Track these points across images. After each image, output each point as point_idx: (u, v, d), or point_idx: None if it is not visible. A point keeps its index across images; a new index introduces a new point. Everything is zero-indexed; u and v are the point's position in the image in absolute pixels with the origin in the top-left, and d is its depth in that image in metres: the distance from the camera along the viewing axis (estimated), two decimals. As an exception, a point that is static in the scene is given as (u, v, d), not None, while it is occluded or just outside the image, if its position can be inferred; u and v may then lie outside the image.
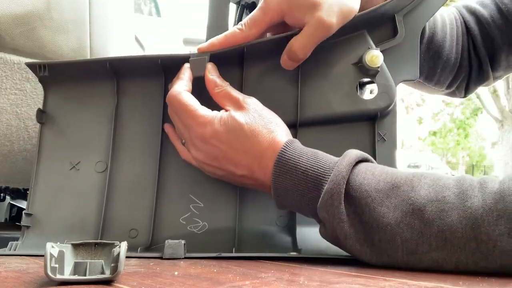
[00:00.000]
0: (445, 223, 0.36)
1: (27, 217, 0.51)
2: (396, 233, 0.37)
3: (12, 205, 1.14)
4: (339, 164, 0.41)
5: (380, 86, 0.50)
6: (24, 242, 0.50)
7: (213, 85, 0.49)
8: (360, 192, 0.39)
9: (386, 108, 0.51)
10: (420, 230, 0.37)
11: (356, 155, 0.42)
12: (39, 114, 0.54)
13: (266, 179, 0.45)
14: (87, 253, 0.33)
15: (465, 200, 0.36)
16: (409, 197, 0.38)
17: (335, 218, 0.39)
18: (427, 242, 0.36)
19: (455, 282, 0.32)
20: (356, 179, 0.40)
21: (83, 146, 0.53)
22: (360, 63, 0.50)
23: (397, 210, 0.38)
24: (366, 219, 0.39)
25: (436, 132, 11.57)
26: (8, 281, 0.30)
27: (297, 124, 0.51)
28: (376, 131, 0.52)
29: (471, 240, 0.35)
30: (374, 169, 0.41)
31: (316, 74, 0.52)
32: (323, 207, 0.40)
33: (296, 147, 0.44)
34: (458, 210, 0.36)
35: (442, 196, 0.37)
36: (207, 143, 0.46)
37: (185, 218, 0.51)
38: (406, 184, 0.39)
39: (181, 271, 0.36)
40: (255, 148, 0.45)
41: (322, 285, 0.29)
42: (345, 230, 0.39)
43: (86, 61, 0.56)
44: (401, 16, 0.53)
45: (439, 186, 0.38)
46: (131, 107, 0.55)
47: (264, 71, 0.53)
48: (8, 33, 0.61)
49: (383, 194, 0.39)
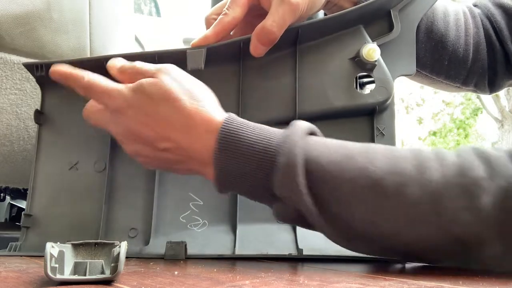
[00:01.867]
0: (405, 197, 0.35)
1: (27, 218, 0.51)
2: (354, 206, 0.36)
3: (12, 205, 1.14)
4: (292, 135, 0.39)
5: (378, 80, 0.50)
6: (24, 243, 0.50)
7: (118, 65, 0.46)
8: (316, 165, 0.38)
9: (384, 102, 0.51)
10: (380, 203, 0.36)
11: (306, 126, 0.41)
12: (36, 115, 0.54)
13: (201, 154, 0.41)
14: (87, 253, 0.33)
15: (424, 173, 0.35)
16: (365, 168, 0.37)
17: (296, 193, 0.37)
18: (387, 214, 0.36)
19: (455, 282, 0.32)
20: (313, 153, 0.38)
21: (82, 146, 0.53)
22: (357, 58, 0.50)
23: (353, 182, 0.36)
24: (323, 193, 0.37)
25: (436, 132, 11.57)
26: (8, 281, 0.30)
27: (295, 119, 0.51)
28: (374, 125, 0.52)
29: (432, 214, 0.35)
30: (325, 140, 0.40)
31: (314, 69, 0.52)
32: (280, 182, 0.37)
33: (236, 121, 0.41)
34: (418, 183, 0.35)
35: (400, 168, 0.36)
36: (124, 114, 0.42)
37: (185, 217, 0.51)
38: (360, 155, 0.38)
39: (181, 270, 0.36)
40: (175, 117, 0.41)
41: (322, 285, 0.29)
42: (308, 204, 0.37)
43: (83, 60, 0.56)
44: (397, 11, 0.53)
45: (396, 158, 0.37)
46: None
47: (261, 67, 0.53)
48: (8, 33, 0.61)
49: (339, 166, 0.37)
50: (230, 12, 0.48)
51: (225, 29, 0.49)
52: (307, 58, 0.52)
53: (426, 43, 0.61)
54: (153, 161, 0.44)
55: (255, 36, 0.48)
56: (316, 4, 0.50)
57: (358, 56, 0.50)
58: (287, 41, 0.52)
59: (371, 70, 0.50)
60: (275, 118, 0.52)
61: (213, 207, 0.51)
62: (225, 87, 0.53)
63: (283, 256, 0.48)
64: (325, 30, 0.51)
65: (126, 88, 0.43)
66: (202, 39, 0.49)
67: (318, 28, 0.51)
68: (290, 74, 0.52)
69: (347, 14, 0.50)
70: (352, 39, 0.51)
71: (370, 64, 0.50)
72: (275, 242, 0.50)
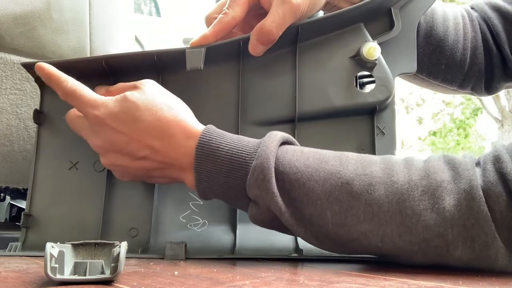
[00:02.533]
0: (373, 197, 0.37)
1: (27, 218, 0.51)
2: (325, 207, 0.38)
3: (12, 205, 1.14)
4: (265, 141, 0.41)
5: (378, 79, 0.50)
6: (24, 243, 0.50)
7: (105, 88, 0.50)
8: (289, 167, 0.39)
9: (385, 101, 0.51)
10: (349, 203, 0.37)
11: (281, 135, 0.42)
12: (36, 114, 0.54)
13: (180, 160, 0.43)
14: (87, 253, 0.33)
15: (391, 175, 0.37)
16: (337, 171, 0.38)
17: (269, 193, 0.39)
18: (355, 215, 0.37)
19: (455, 282, 0.32)
20: (285, 156, 0.40)
21: (82, 146, 0.53)
22: (358, 56, 0.50)
23: (326, 184, 0.38)
24: (296, 195, 0.39)
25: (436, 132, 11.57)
26: (8, 281, 0.30)
27: (295, 118, 0.51)
28: (375, 124, 0.52)
29: (397, 214, 0.36)
30: (302, 148, 0.42)
31: (314, 67, 0.52)
32: (254, 184, 0.39)
33: (216, 130, 0.43)
34: (384, 184, 0.37)
35: (369, 170, 0.38)
36: (103, 125, 0.44)
37: (185, 216, 0.51)
38: (334, 160, 0.40)
39: (181, 270, 0.36)
40: (156, 126, 0.43)
41: (322, 285, 0.29)
42: (279, 204, 0.39)
43: (82, 59, 0.56)
44: (397, 9, 0.53)
45: (366, 162, 0.39)
46: None
47: (261, 65, 0.53)
48: (8, 33, 0.61)
49: (312, 169, 0.39)
50: (230, 11, 0.48)
51: (224, 29, 0.49)
52: (307, 56, 0.52)
53: (424, 47, 0.62)
54: (129, 171, 0.46)
55: (254, 36, 0.48)
56: (316, 5, 0.50)
57: (358, 54, 0.50)
58: (287, 40, 0.51)
59: (372, 68, 0.50)
60: (275, 116, 0.52)
61: (213, 207, 0.51)
62: (225, 86, 0.53)
63: (283, 256, 0.48)
64: (325, 28, 0.51)
65: (109, 99, 0.45)
66: (201, 38, 0.49)
67: (318, 27, 0.51)
68: (290, 73, 0.52)
69: (347, 12, 0.50)
70: (353, 37, 0.51)
71: (371, 63, 0.50)
72: (275, 242, 0.50)
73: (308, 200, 0.38)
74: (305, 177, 0.39)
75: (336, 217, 0.38)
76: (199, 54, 0.49)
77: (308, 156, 0.40)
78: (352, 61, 0.51)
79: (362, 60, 0.50)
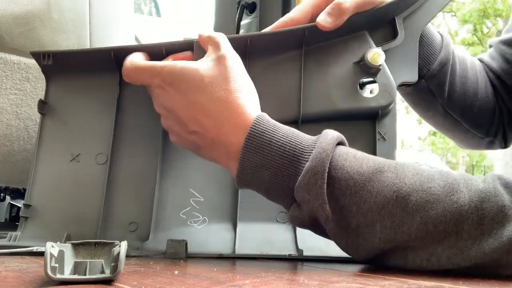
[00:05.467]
0: (429, 215, 0.35)
1: (26, 208, 0.51)
2: (376, 220, 0.36)
3: (12, 205, 1.14)
4: (322, 142, 0.39)
5: (381, 85, 0.51)
6: (23, 233, 0.50)
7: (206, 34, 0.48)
8: (342, 173, 0.37)
9: (387, 107, 0.51)
10: (402, 219, 0.36)
11: (337, 135, 0.41)
12: (40, 104, 0.53)
13: (227, 147, 0.42)
14: (87, 252, 0.33)
15: (452, 194, 0.35)
16: (393, 184, 0.36)
17: (318, 199, 0.37)
18: (407, 232, 0.35)
19: (455, 282, 0.32)
20: (338, 160, 0.38)
21: (84, 138, 0.53)
22: (362, 62, 0.51)
23: (380, 196, 0.36)
24: (345, 203, 0.37)
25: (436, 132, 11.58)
26: (8, 280, 0.30)
27: (299, 120, 0.52)
28: (376, 129, 0.52)
29: (452, 235, 0.35)
30: (355, 152, 0.40)
31: (319, 71, 0.52)
32: (304, 187, 0.37)
33: (269, 120, 0.42)
34: (443, 203, 0.35)
35: (428, 186, 0.36)
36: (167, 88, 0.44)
37: (185, 212, 0.51)
38: (390, 171, 0.38)
39: (181, 270, 0.36)
40: (212, 104, 0.42)
41: (322, 285, 0.29)
42: (327, 212, 0.37)
43: (90, 50, 0.56)
44: (401, 19, 0.54)
45: (424, 177, 0.37)
46: (133, 99, 0.54)
47: (267, 67, 0.53)
48: (8, 33, 0.61)
49: (366, 177, 0.37)
50: (291, 14, 0.52)
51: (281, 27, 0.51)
52: (312, 60, 0.52)
53: (460, 87, 0.63)
54: (182, 140, 0.46)
55: (327, 8, 0.50)
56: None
57: (363, 60, 0.51)
58: (293, 43, 0.52)
59: (375, 74, 0.51)
60: (279, 117, 0.52)
61: (214, 204, 0.52)
62: None
63: (283, 256, 0.48)
64: (331, 33, 0.52)
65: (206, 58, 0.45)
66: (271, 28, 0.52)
67: (324, 32, 0.52)
68: (295, 75, 0.52)
69: (352, 19, 0.51)
70: (357, 44, 0.52)
71: (375, 69, 0.50)
72: (275, 242, 0.50)
73: (358, 210, 0.37)
74: (358, 186, 0.37)
75: (385, 232, 0.36)
76: None
77: (361, 162, 0.38)
78: (356, 66, 0.52)
79: (366, 66, 0.50)
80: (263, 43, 0.52)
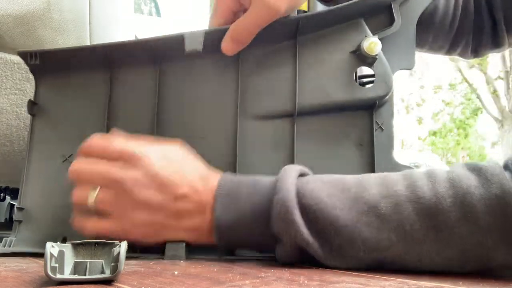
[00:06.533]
0: (402, 216, 0.36)
1: (19, 212, 0.50)
2: (355, 234, 0.37)
3: (12, 205, 1.14)
4: (282, 176, 0.40)
5: (378, 74, 0.50)
6: (18, 237, 0.49)
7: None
8: (311, 198, 0.38)
9: (384, 97, 0.51)
10: (378, 226, 0.36)
11: (298, 168, 0.42)
12: (30, 105, 0.53)
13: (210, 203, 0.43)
14: (87, 252, 0.33)
15: (417, 191, 0.36)
16: (361, 197, 0.37)
17: (293, 225, 0.38)
18: (387, 237, 0.36)
19: (455, 282, 0.32)
20: (306, 187, 0.39)
21: (76, 138, 0.53)
22: (358, 51, 0.50)
23: (352, 211, 0.37)
24: (322, 226, 0.38)
25: (436, 132, 11.58)
26: (8, 280, 0.30)
27: (295, 112, 0.51)
28: (374, 120, 0.52)
29: (430, 229, 0.35)
30: (321, 177, 0.41)
31: (314, 62, 0.52)
32: (277, 217, 0.38)
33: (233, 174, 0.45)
34: (412, 201, 0.36)
35: (393, 190, 0.37)
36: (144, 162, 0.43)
37: None
38: (355, 186, 0.39)
39: (181, 270, 0.36)
40: (196, 167, 0.44)
41: (322, 285, 0.29)
42: (305, 235, 0.37)
43: (77, 48, 0.55)
44: (397, 4, 0.53)
45: (388, 182, 0.38)
46: (125, 96, 0.54)
47: (261, 58, 0.52)
48: (8, 33, 0.61)
49: (335, 198, 0.38)
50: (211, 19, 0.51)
51: None
52: (307, 50, 0.52)
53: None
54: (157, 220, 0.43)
55: (228, 33, 0.48)
56: (297, 3, 0.49)
57: (359, 49, 0.50)
58: (287, 33, 0.51)
59: (372, 64, 0.50)
60: (274, 110, 0.52)
61: None
62: (224, 78, 0.53)
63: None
64: (325, 22, 0.51)
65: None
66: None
67: (318, 21, 0.51)
68: (289, 66, 0.52)
69: (347, 7, 0.50)
70: (353, 32, 0.51)
71: (371, 58, 0.49)
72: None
73: (336, 229, 0.37)
74: (329, 207, 0.38)
75: (366, 243, 0.36)
76: (199, 37, 0.49)
77: (329, 185, 0.39)
78: (352, 56, 0.51)
79: (363, 55, 0.49)
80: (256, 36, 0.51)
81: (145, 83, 0.54)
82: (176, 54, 0.51)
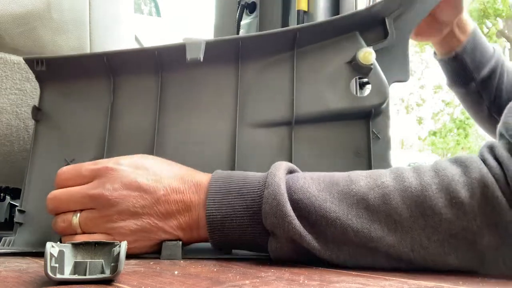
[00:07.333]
0: (391, 206, 0.37)
1: (20, 214, 0.51)
2: (346, 225, 0.37)
3: (12, 205, 1.14)
4: (271, 171, 0.41)
5: (374, 84, 0.52)
6: (17, 238, 0.50)
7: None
8: (302, 193, 0.39)
9: (380, 105, 0.52)
10: (369, 217, 0.37)
11: (286, 164, 0.43)
12: (34, 111, 0.53)
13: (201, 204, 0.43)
14: (87, 252, 0.33)
15: (403, 181, 0.38)
16: (350, 189, 0.39)
17: (286, 218, 0.38)
18: (378, 228, 0.37)
19: (455, 282, 0.32)
20: (296, 183, 0.40)
21: (78, 143, 0.53)
22: (354, 61, 0.51)
23: (342, 204, 0.38)
24: (314, 219, 0.38)
25: (436, 132, 11.57)
26: (8, 280, 0.30)
27: (292, 121, 0.52)
28: (370, 129, 0.52)
29: (419, 217, 0.36)
30: (311, 174, 0.42)
31: (311, 72, 0.53)
32: (269, 211, 0.39)
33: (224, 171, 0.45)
34: (399, 191, 0.37)
35: (381, 181, 0.38)
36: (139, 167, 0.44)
37: None
38: (344, 180, 0.40)
39: (181, 270, 0.36)
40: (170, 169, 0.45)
41: (322, 285, 0.29)
42: (297, 228, 0.38)
43: (83, 55, 0.56)
44: (391, 19, 0.55)
45: (375, 175, 0.39)
46: (127, 103, 0.54)
47: (259, 69, 0.54)
48: (8, 33, 0.61)
49: (325, 192, 0.39)
50: None
51: None
52: (304, 61, 0.53)
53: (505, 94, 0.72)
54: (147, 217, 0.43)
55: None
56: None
57: (354, 59, 0.51)
58: (285, 45, 0.53)
59: (367, 74, 0.52)
60: (273, 118, 0.53)
61: None
62: (223, 87, 0.54)
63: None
64: (322, 34, 0.53)
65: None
66: None
67: (316, 32, 0.53)
68: (287, 76, 0.53)
69: (343, 19, 0.52)
70: (349, 44, 0.53)
71: (366, 68, 0.51)
72: None
73: (327, 222, 0.38)
74: (320, 200, 0.39)
75: (359, 234, 0.37)
76: (199, 45, 0.49)
77: (318, 181, 0.40)
78: (348, 66, 0.52)
79: (358, 65, 0.51)
80: (254, 45, 0.52)
81: (146, 90, 0.54)
82: (177, 62, 0.52)
